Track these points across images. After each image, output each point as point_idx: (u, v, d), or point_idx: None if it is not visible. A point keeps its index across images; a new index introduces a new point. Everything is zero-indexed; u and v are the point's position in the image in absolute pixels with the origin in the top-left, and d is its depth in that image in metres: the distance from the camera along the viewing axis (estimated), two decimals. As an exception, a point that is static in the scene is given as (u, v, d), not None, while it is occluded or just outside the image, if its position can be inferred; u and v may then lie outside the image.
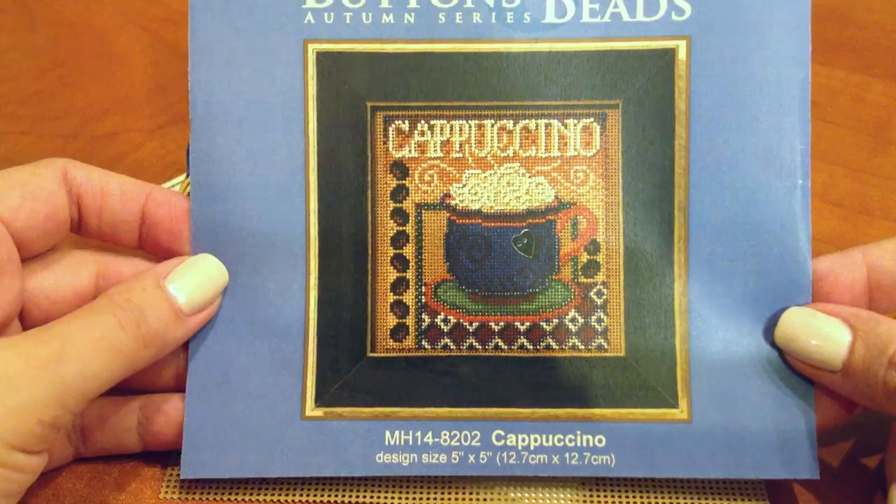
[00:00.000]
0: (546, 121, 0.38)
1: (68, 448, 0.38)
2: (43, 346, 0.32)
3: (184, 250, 0.38)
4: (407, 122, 0.38)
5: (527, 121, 0.38)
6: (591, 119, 0.38)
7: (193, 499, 0.37)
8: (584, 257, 0.38)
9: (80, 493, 0.37)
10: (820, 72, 0.34)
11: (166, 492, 0.37)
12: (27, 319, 0.37)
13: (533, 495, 0.37)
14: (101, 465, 0.38)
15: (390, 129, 0.38)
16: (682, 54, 0.37)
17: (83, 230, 0.38)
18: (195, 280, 0.36)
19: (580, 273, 0.38)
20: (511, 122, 0.38)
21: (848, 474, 0.38)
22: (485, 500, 0.37)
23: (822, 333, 0.35)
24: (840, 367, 0.34)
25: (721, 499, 0.37)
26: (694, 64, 0.37)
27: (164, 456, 0.38)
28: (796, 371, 0.36)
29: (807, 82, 0.37)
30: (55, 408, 0.31)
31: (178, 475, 0.37)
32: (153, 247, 0.38)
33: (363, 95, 0.38)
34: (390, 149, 0.38)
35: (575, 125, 0.38)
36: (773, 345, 0.37)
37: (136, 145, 0.53)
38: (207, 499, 0.37)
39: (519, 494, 0.37)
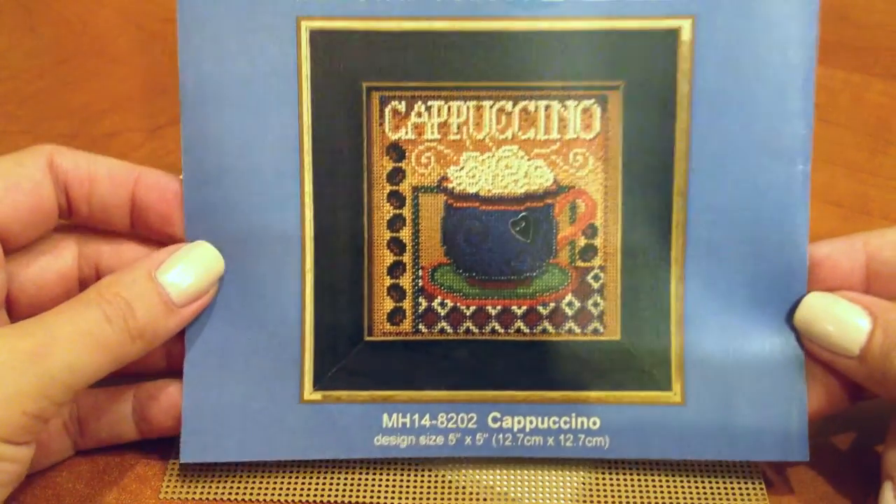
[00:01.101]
0: (546, 102, 0.37)
1: (67, 440, 0.38)
2: (28, 338, 0.32)
3: (176, 233, 0.37)
4: (403, 102, 0.37)
5: (526, 102, 0.37)
6: (592, 101, 0.37)
7: (193, 499, 0.37)
8: (582, 241, 0.37)
9: (80, 493, 0.37)
10: (820, 72, 0.34)
11: (166, 492, 0.37)
12: (14, 307, 0.37)
13: (532, 494, 0.38)
14: (101, 465, 0.38)
15: (386, 110, 0.37)
16: (686, 35, 0.36)
17: (74, 217, 0.37)
18: (189, 269, 0.36)
19: (577, 257, 0.38)
20: (510, 103, 0.37)
21: (846, 462, 0.38)
22: (484, 499, 0.37)
23: (843, 319, 0.35)
24: (857, 354, 0.35)
25: (716, 479, 0.37)
26: (698, 45, 0.36)
27: (164, 455, 0.38)
28: (789, 352, 0.37)
29: (811, 66, 0.36)
30: (40, 399, 0.31)
31: (178, 477, 0.37)
32: (145, 230, 0.38)
33: (359, 75, 0.37)
34: (386, 130, 0.37)
35: (575, 107, 0.37)
36: (768, 330, 0.37)
37: (135, 145, 0.52)
38: (207, 499, 0.37)
39: (518, 494, 0.38)
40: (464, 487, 0.38)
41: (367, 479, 0.38)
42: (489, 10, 0.36)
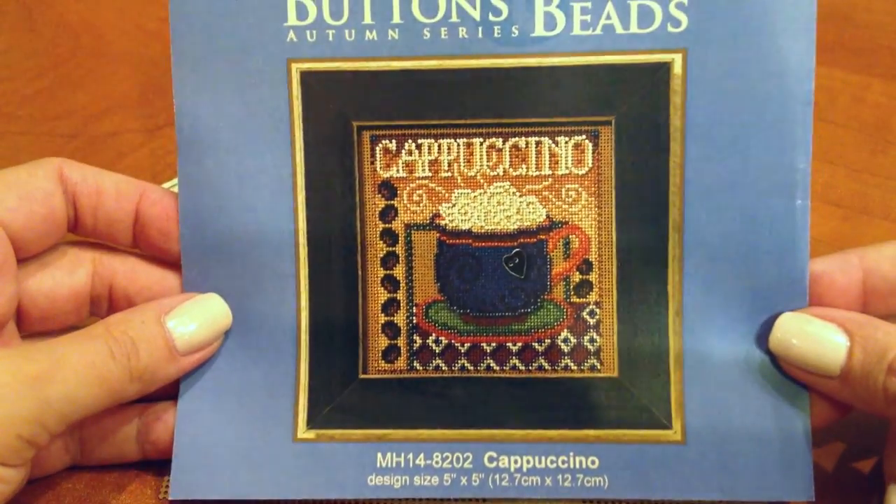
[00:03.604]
0: (536, 139, 0.37)
1: (65, 457, 0.38)
2: (33, 364, 0.32)
3: (175, 250, 0.38)
4: (394, 141, 0.37)
5: (517, 139, 0.37)
6: (583, 136, 0.36)
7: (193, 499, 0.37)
8: (577, 277, 0.37)
9: (80, 494, 0.38)
10: (820, 72, 0.34)
11: (166, 492, 0.37)
12: (26, 319, 0.37)
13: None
14: (101, 465, 0.38)
15: (377, 148, 0.37)
16: (677, 68, 0.36)
17: (79, 229, 0.38)
18: (197, 319, 0.36)
19: (572, 293, 0.37)
20: (500, 140, 0.37)
21: (845, 480, 0.37)
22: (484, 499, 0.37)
23: (819, 339, 0.34)
24: (838, 374, 0.33)
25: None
26: (690, 78, 0.35)
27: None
28: (791, 390, 0.36)
29: (810, 97, 0.35)
30: (34, 426, 0.32)
31: None
32: (146, 245, 0.38)
33: (349, 115, 0.37)
34: (378, 169, 0.37)
35: (566, 143, 0.36)
36: (768, 366, 0.36)
37: (135, 145, 0.52)
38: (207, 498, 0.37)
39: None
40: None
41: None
42: (477, 48, 0.36)
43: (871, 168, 0.50)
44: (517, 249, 0.37)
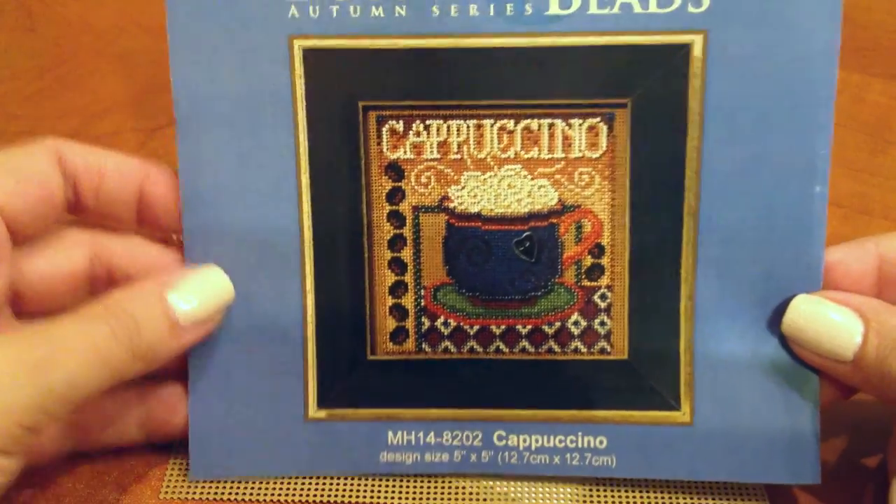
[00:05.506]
0: (549, 121, 0.35)
1: (66, 442, 0.38)
2: (33, 350, 0.31)
3: (179, 230, 0.37)
4: (401, 122, 0.36)
5: (528, 120, 0.35)
6: (598, 119, 0.35)
7: (194, 499, 0.38)
8: (588, 260, 0.36)
9: (80, 494, 0.38)
10: None
11: (166, 492, 0.38)
12: (23, 301, 0.37)
13: (533, 494, 0.38)
14: (101, 465, 0.39)
15: (384, 129, 0.36)
16: (697, 50, 0.34)
17: (80, 211, 0.37)
18: (199, 294, 0.35)
19: (584, 276, 0.37)
20: (512, 121, 0.35)
21: (850, 475, 0.38)
22: (485, 499, 0.38)
23: (833, 323, 0.34)
24: (851, 359, 0.33)
25: (720, 498, 0.37)
26: (710, 61, 0.34)
27: (165, 455, 0.39)
28: (800, 375, 0.36)
29: (833, 80, 0.34)
30: (37, 413, 0.31)
31: (178, 477, 0.38)
32: (151, 226, 0.38)
33: (354, 95, 0.35)
34: (385, 150, 0.36)
35: (580, 125, 0.35)
36: (779, 350, 0.36)
37: (136, 145, 0.52)
38: (208, 498, 0.38)
39: (519, 494, 0.38)
40: (463, 487, 0.38)
41: (369, 481, 0.38)
42: (488, 26, 0.34)
43: (871, 168, 0.50)
44: (528, 233, 0.36)
